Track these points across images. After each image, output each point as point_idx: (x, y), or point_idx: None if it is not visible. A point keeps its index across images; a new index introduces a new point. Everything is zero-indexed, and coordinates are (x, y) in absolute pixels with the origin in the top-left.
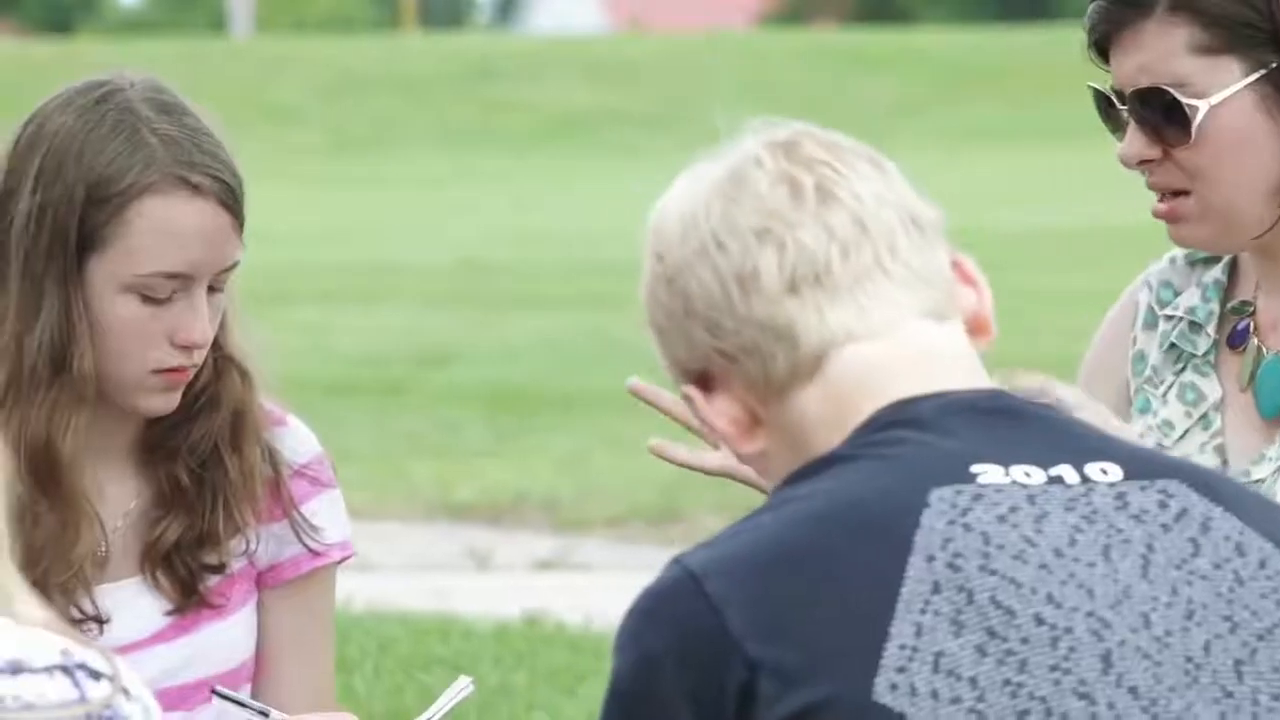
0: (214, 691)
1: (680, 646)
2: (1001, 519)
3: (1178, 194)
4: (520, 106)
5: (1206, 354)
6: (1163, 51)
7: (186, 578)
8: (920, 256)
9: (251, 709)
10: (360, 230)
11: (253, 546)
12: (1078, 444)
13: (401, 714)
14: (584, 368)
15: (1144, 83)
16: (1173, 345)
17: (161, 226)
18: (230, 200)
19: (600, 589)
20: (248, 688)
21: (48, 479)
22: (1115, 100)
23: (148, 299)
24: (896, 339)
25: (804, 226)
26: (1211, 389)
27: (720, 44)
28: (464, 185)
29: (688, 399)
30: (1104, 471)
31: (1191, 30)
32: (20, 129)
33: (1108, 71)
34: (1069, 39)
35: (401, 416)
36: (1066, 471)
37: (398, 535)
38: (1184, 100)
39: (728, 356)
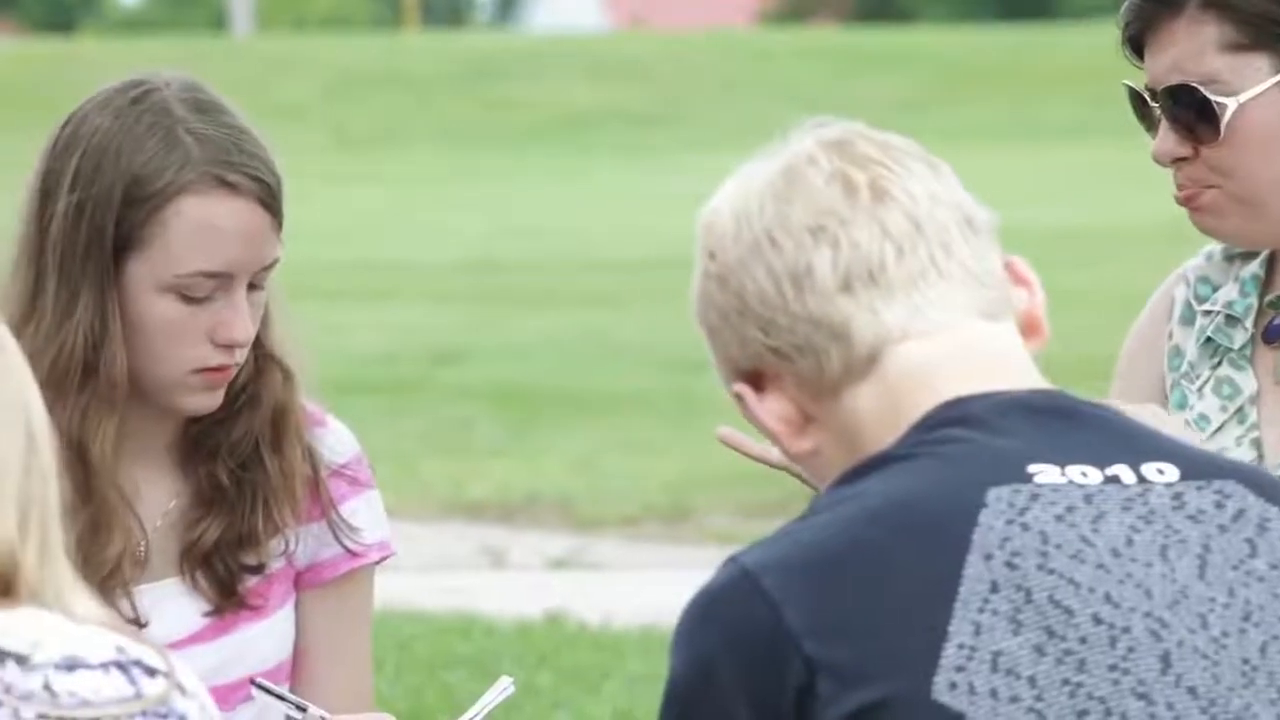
0: (253, 683)
1: (738, 645)
2: (1059, 518)
3: (1208, 186)
4: (522, 105)
5: (1243, 348)
6: (1193, 49)
7: (225, 578)
8: (974, 256)
9: (290, 702)
10: (365, 228)
11: (292, 547)
12: (1134, 444)
13: (424, 713)
14: (592, 367)
15: (1174, 80)
16: (1209, 339)
17: (199, 226)
18: (268, 198)
19: (618, 587)
20: (286, 689)
21: (79, 480)
22: (1148, 98)
23: (187, 298)
24: (950, 338)
25: (858, 224)
26: (1247, 383)
27: (721, 42)
28: (467, 183)
29: (738, 398)
30: (1160, 471)
31: (1222, 28)
32: (57, 130)
33: (1141, 69)
34: (1070, 38)
35: (413, 415)
36: (1123, 471)
37: (412, 534)
38: (1213, 98)
39: (781, 355)
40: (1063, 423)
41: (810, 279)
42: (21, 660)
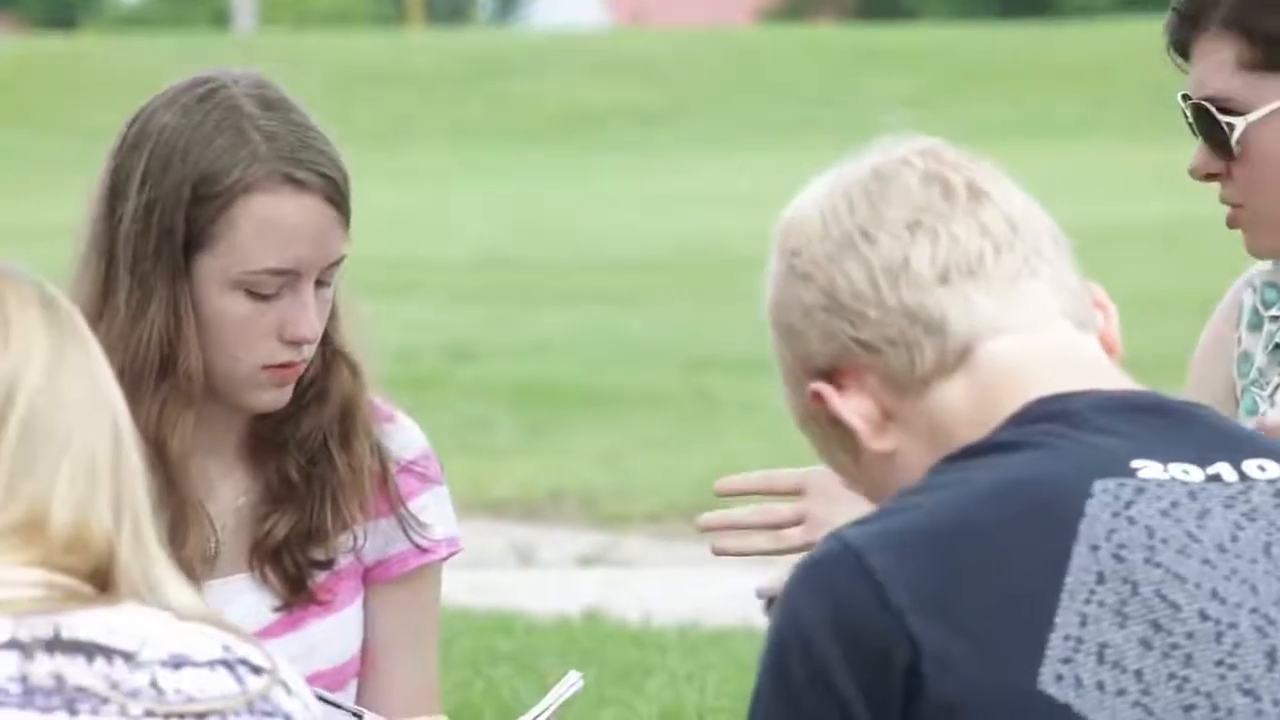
0: None
1: (841, 622)
2: (1164, 513)
3: (1237, 205)
4: (527, 102)
5: None
6: (1213, 66)
7: (295, 573)
8: (1064, 266)
9: (345, 710)
10: (374, 225)
11: (360, 543)
12: (1234, 442)
13: (469, 710)
14: (609, 365)
15: (1198, 95)
16: (1277, 346)
17: (267, 223)
18: (335, 195)
19: (652, 585)
20: (354, 684)
21: (160, 478)
22: (1185, 111)
23: (255, 295)
24: (1045, 337)
25: (957, 221)
26: None
27: (724, 40)
28: (474, 180)
29: (817, 396)
30: (1261, 469)
31: (1239, 47)
32: (125, 128)
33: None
34: (1072, 36)
35: (432, 412)
36: (1224, 469)
37: None
38: (1221, 117)
39: (870, 349)
40: (1162, 421)
41: (907, 271)
42: (129, 657)
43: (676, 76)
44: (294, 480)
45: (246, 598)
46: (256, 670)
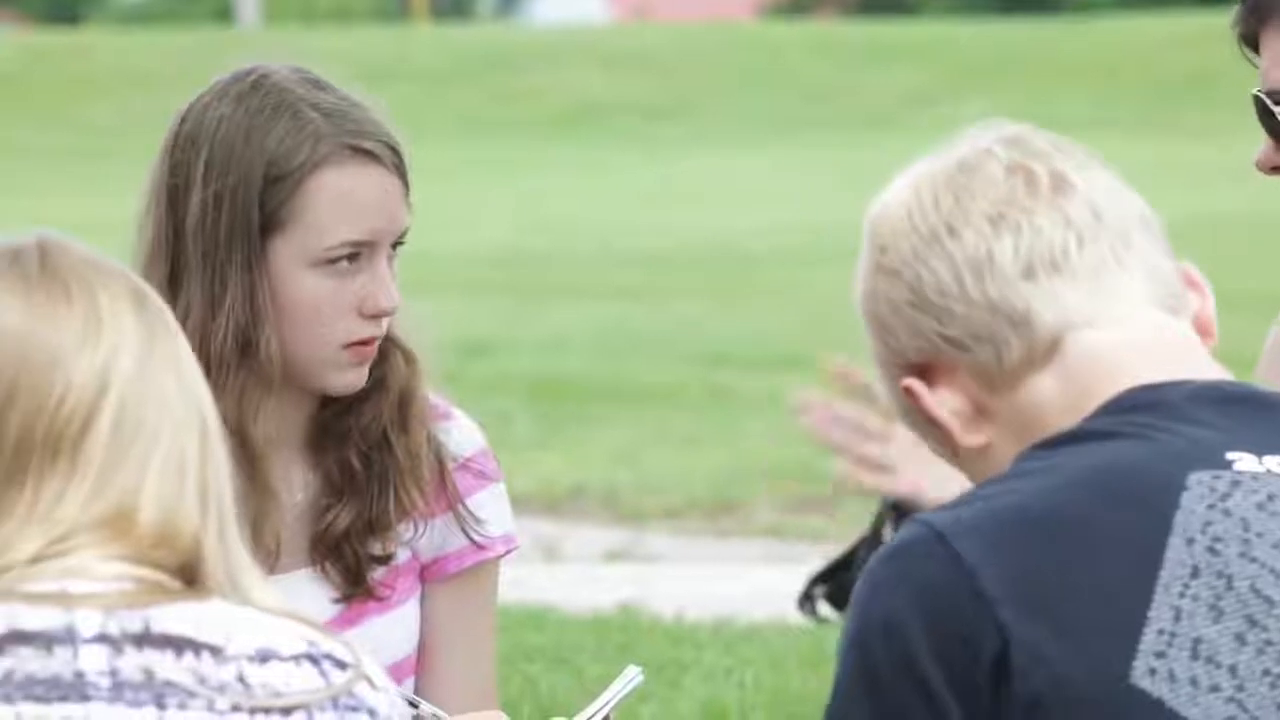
0: None
1: (929, 609)
2: (1260, 506)
3: None
4: (533, 97)
5: None
6: (1271, 60)
7: (354, 566)
8: (1152, 253)
9: (420, 705)
10: None
11: (420, 532)
12: None
13: (508, 706)
14: (624, 360)
15: (1261, 89)
16: None
17: (340, 197)
18: (399, 164)
19: (681, 581)
20: (410, 681)
21: (241, 468)
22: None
23: (333, 273)
24: (1134, 326)
25: (1040, 213)
26: None
27: (729, 35)
28: (482, 175)
29: (907, 392)
30: None
31: None
32: (176, 125)
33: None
34: (1078, 32)
35: None
36: None
37: None
38: (1276, 108)
39: (957, 345)
40: (1255, 413)
41: (991, 266)
42: (216, 652)
43: (682, 71)
44: (356, 470)
45: (306, 592)
46: (341, 665)
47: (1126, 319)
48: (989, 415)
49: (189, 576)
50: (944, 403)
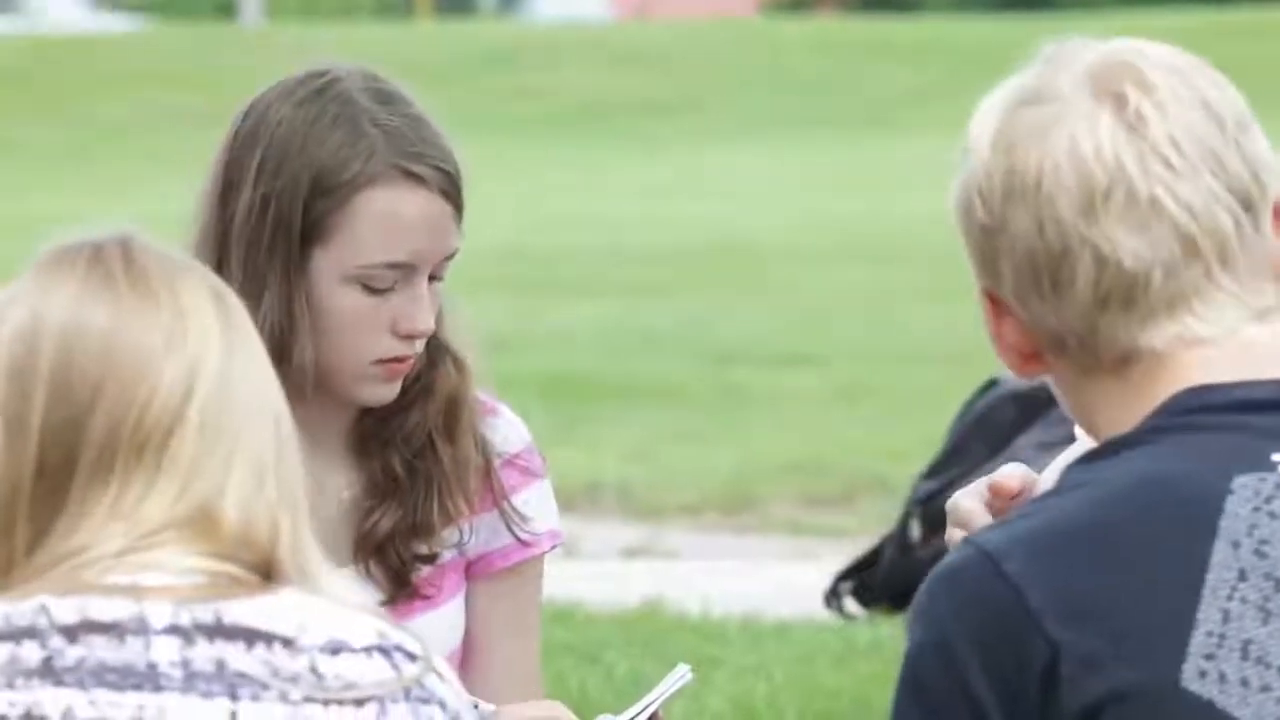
0: None
1: (980, 627)
2: None
3: None
4: (537, 93)
5: None
6: None
7: (399, 568)
8: (1250, 251)
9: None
10: None
11: (465, 538)
12: None
13: None
14: (636, 357)
15: None
16: None
17: (385, 217)
18: (450, 189)
19: (702, 577)
20: (456, 677)
21: None
22: None
23: (370, 289)
24: (1215, 345)
25: (1125, 243)
26: None
27: (732, 32)
28: (489, 172)
29: (986, 298)
30: None
31: None
32: (239, 122)
33: None
34: (1075, 29)
35: None
36: None
37: None
38: None
39: (1024, 311)
40: None
41: (1071, 286)
42: (288, 643)
43: (685, 68)
44: (399, 475)
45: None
46: (411, 656)
47: (1209, 344)
48: (1046, 367)
49: (265, 572)
50: (1006, 336)
